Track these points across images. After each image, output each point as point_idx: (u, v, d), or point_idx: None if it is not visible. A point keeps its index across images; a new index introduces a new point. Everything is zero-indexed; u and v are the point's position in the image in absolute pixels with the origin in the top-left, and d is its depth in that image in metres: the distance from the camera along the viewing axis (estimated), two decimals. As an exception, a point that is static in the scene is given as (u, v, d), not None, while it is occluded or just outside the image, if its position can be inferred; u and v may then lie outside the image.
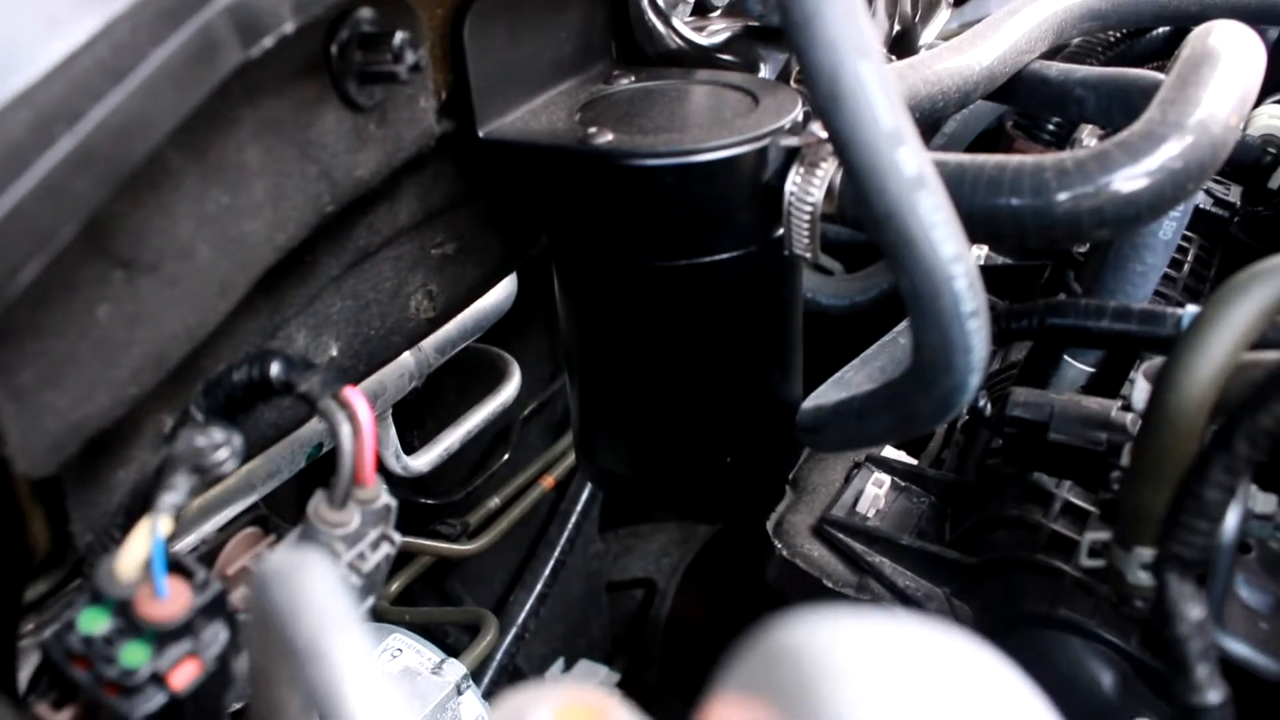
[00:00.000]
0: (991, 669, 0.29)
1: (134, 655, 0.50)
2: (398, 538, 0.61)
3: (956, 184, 0.66)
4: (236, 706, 0.55)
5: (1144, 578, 0.67)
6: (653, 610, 1.90)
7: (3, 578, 0.59)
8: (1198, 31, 0.81)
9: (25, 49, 0.44)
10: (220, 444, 0.55)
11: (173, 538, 0.53)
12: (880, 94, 0.54)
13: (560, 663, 1.70)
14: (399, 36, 0.62)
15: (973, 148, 1.42)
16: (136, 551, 0.51)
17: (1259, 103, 1.34)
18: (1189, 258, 1.23)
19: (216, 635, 0.52)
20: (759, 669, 0.30)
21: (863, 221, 0.67)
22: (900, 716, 0.26)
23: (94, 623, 0.50)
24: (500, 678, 1.46)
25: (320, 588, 0.35)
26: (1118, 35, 1.21)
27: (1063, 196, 0.64)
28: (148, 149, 0.47)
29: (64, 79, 0.44)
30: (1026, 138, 1.42)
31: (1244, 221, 1.33)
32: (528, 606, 1.54)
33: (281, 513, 1.07)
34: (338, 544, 0.58)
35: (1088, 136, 1.31)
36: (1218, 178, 1.33)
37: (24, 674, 0.65)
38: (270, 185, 0.60)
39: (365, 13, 0.63)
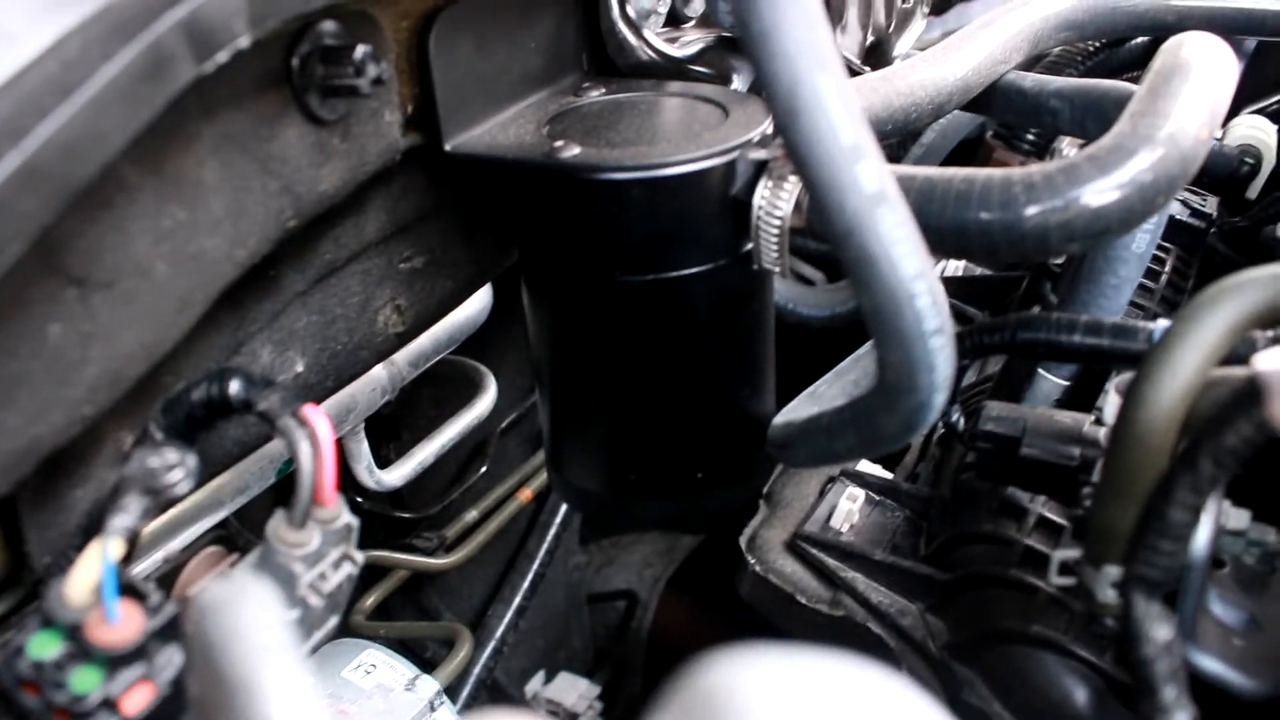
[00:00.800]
0: (912, 712, 0.28)
1: (85, 680, 0.49)
2: (360, 557, 0.60)
3: (925, 199, 0.65)
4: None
5: (1113, 596, 0.67)
6: (634, 622, 1.89)
7: (-43, 599, 0.58)
8: (1169, 44, 0.81)
9: (-27, 66, 0.43)
10: (174, 465, 0.54)
11: (135, 555, 0.52)
12: (839, 109, 0.53)
13: (540, 676, 1.69)
14: (361, 50, 0.61)
15: (952, 157, 1.42)
16: (87, 575, 0.50)
17: (1236, 112, 1.34)
18: (1166, 269, 1.23)
19: (171, 659, 0.51)
20: (685, 709, 0.29)
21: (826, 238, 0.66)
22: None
23: (44, 647, 0.49)
24: (479, 692, 1.45)
25: (256, 619, 0.34)
26: (1096, 45, 1.21)
27: (1031, 211, 0.63)
28: (98, 166, 0.46)
29: (10, 96, 0.43)
30: (1006, 148, 1.42)
31: (1221, 232, 1.33)
32: (506, 620, 1.53)
33: (254, 528, 1.06)
34: (297, 565, 0.57)
35: (1067, 146, 1.31)
36: (1195, 188, 1.33)
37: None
38: (230, 201, 0.59)
39: (328, 25, 0.62)
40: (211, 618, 0.34)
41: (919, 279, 0.55)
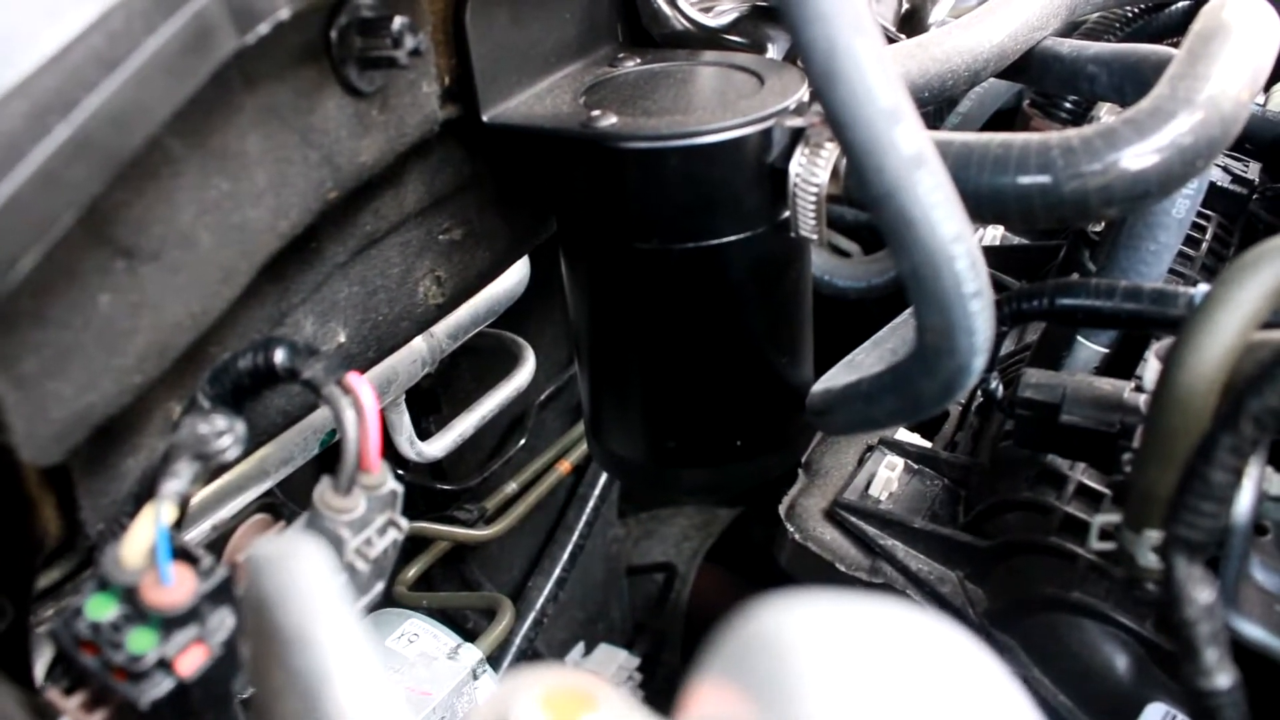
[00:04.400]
0: (967, 657, 0.29)
1: (141, 641, 0.50)
2: (405, 523, 0.61)
3: (962, 163, 0.65)
4: (246, 693, 0.56)
5: (1154, 561, 0.67)
6: (673, 594, 1.90)
7: (14, 565, 0.60)
8: (1211, 5, 0.80)
9: (22, 40, 0.44)
10: (223, 431, 0.55)
11: (185, 524, 0.53)
12: (877, 71, 0.53)
13: (580, 647, 1.71)
14: (398, 21, 0.62)
15: (989, 126, 1.41)
16: (141, 538, 0.51)
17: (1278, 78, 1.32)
18: (1207, 236, 1.22)
19: (223, 621, 0.52)
20: (734, 656, 0.30)
21: (864, 202, 0.66)
22: (865, 706, 0.26)
23: (101, 609, 0.50)
24: (519, 662, 1.47)
25: (309, 573, 0.35)
26: (1135, 10, 1.20)
27: (1070, 175, 0.63)
28: (144, 137, 0.47)
29: (59, 69, 0.44)
30: (1044, 116, 1.41)
31: (1264, 198, 1.32)
32: (546, 591, 1.55)
33: (298, 499, 1.08)
34: (344, 530, 0.58)
35: (1106, 113, 1.30)
36: (1236, 154, 1.31)
37: (44, 661, 0.65)
38: (272, 172, 0.60)
39: None
40: (265, 573, 0.35)
41: (958, 241, 0.55)
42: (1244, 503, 0.67)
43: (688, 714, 0.33)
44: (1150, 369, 0.75)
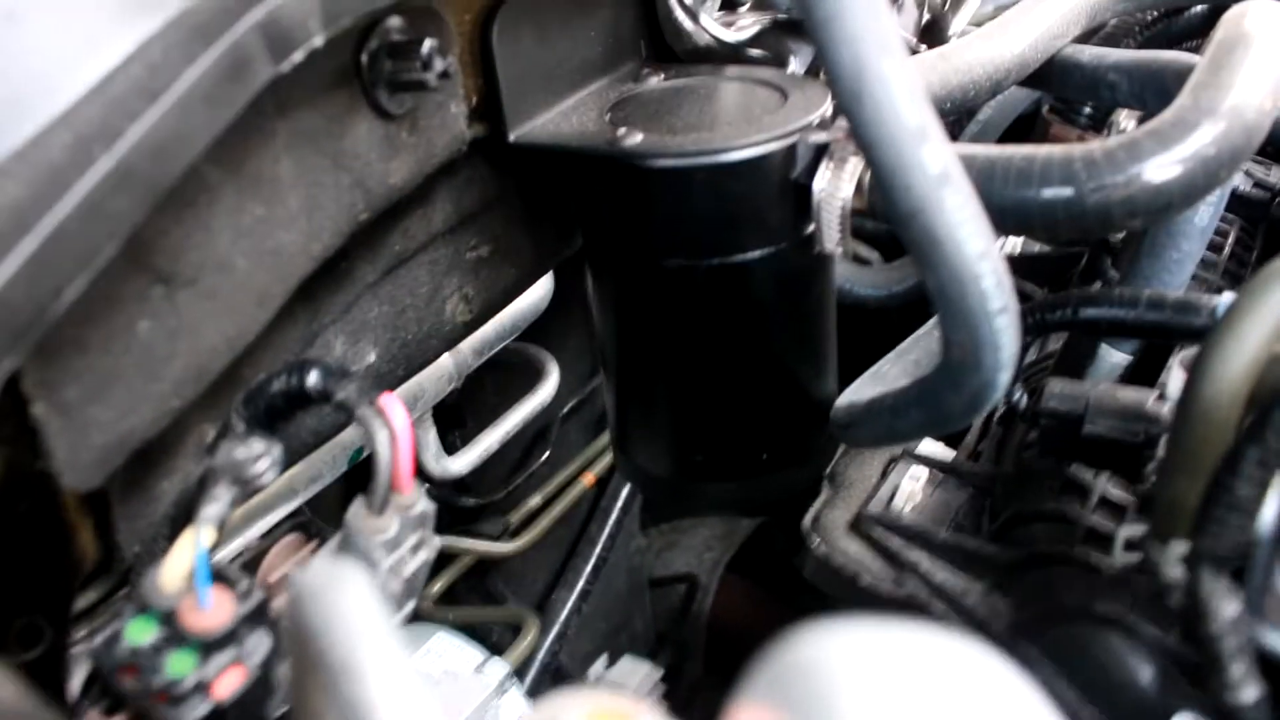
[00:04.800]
0: (1006, 684, 0.29)
1: (180, 664, 0.51)
2: (436, 542, 0.62)
3: (986, 177, 0.65)
4: (280, 713, 0.56)
5: (1180, 572, 0.67)
6: (695, 605, 1.90)
7: (53, 588, 0.60)
8: (1232, 12, 0.80)
9: (64, 71, 0.45)
10: (260, 455, 0.55)
11: (216, 545, 0.54)
12: (904, 91, 0.54)
13: (603, 660, 1.71)
14: (428, 44, 0.63)
15: (1009, 133, 1.41)
16: (180, 563, 0.51)
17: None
18: (1229, 241, 1.22)
19: (260, 643, 0.53)
20: (776, 680, 0.30)
21: (890, 219, 0.67)
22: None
23: (141, 633, 0.51)
24: (543, 676, 1.47)
25: (354, 602, 0.35)
26: (1154, 15, 1.20)
27: (1093, 187, 0.63)
28: (184, 165, 0.48)
29: (101, 100, 0.45)
30: (1063, 122, 1.41)
31: (1286, 203, 1.31)
32: (570, 604, 1.55)
33: (325, 516, 1.09)
34: (377, 551, 0.58)
35: (1124, 118, 1.30)
36: (1259, 158, 1.31)
37: (76, 681, 0.66)
38: (305, 196, 0.61)
39: (394, 21, 0.64)
40: (309, 601, 0.36)
41: (984, 259, 0.56)
42: (1269, 513, 0.67)
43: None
44: (1174, 378, 0.75)
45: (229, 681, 0.51)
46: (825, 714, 0.27)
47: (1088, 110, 1.37)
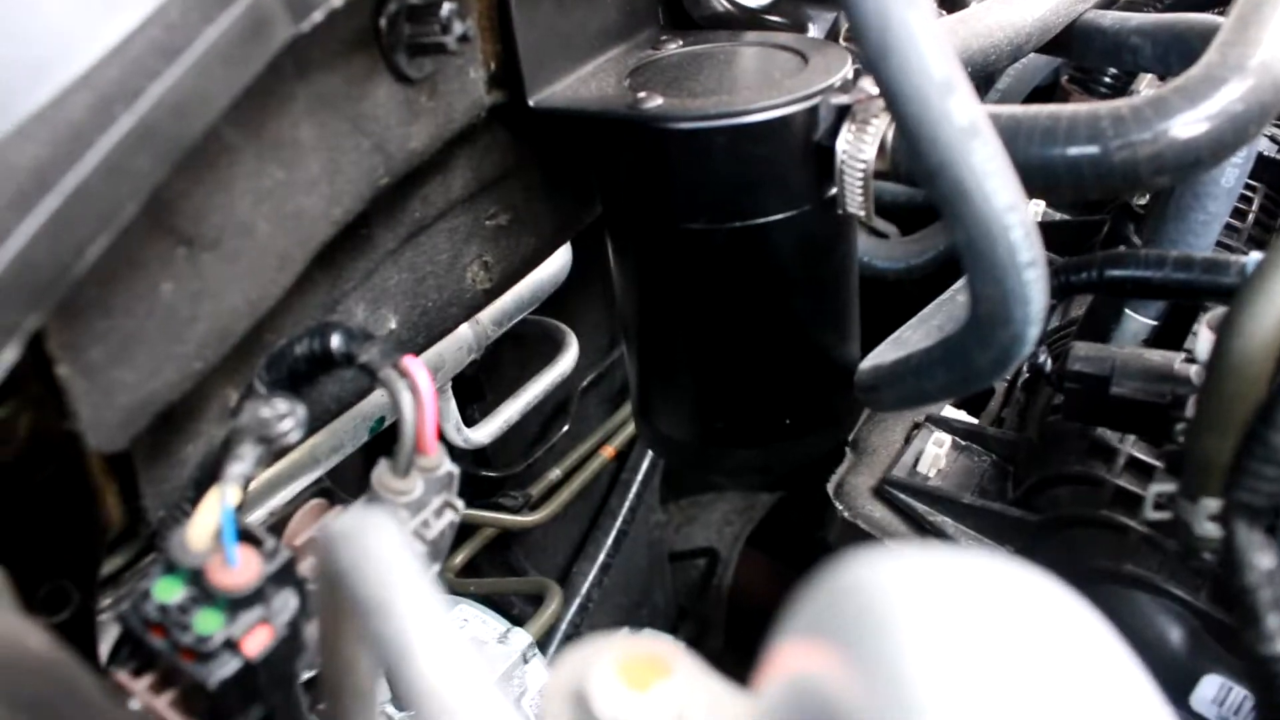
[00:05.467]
0: (1066, 607, 0.29)
1: (208, 622, 0.51)
2: (461, 505, 0.62)
3: (1011, 135, 0.65)
4: (308, 675, 0.56)
5: (1211, 529, 0.66)
6: (715, 579, 1.91)
7: (80, 552, 0.61)
8: (1258, -28, 0.79)
9: (84, 32, 0.45)
10: (285, 414, 0.55)
11: (242, 510, 0.54)
12: (930, 43, 0.53)
13: (624, 632, 1.71)
14: (447, 7, 0.62)
15: (1027, 102, 1.40)
16: (207, 521, 0.52)
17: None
18: (1254, 206, 1.21)
19: (287, 602, 0.53)
20: (821, 610, 0.30)
21: (916, 176, 0.66)
22: (971, 652, 0.26)
23: (169, 591, 0.51)
24: (565, 647, 1.48)
25: (387, 544, 0.35)
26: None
27: (1119, 144, 0.63)
28: (204, 125, 0.48)
29: (121, 60, 0.45)
30: (1083, 91, 1.40)
31: (1311, 168, 1.30)
32: (591, 576, 1.55)
33: (345, 487, 1.09)
34: (402, 512, 0.59)
35: (1146, 87, 1.28)
36: (1282, 123, 1.30)
37: (104, 646, 0.66)
38: (325, 160, 0.61)
39: None
40: (343, 545, 0.36)
41: (1012, 211, 0.55)
42: (1302, 469, 0.67)
43: (771, 675, 0.33)
44: (1202, 339, 0.74)
45: (257, 639, 0.51)
46: (880, 637, 0.27)
47: (1107, 79, 1.36)
